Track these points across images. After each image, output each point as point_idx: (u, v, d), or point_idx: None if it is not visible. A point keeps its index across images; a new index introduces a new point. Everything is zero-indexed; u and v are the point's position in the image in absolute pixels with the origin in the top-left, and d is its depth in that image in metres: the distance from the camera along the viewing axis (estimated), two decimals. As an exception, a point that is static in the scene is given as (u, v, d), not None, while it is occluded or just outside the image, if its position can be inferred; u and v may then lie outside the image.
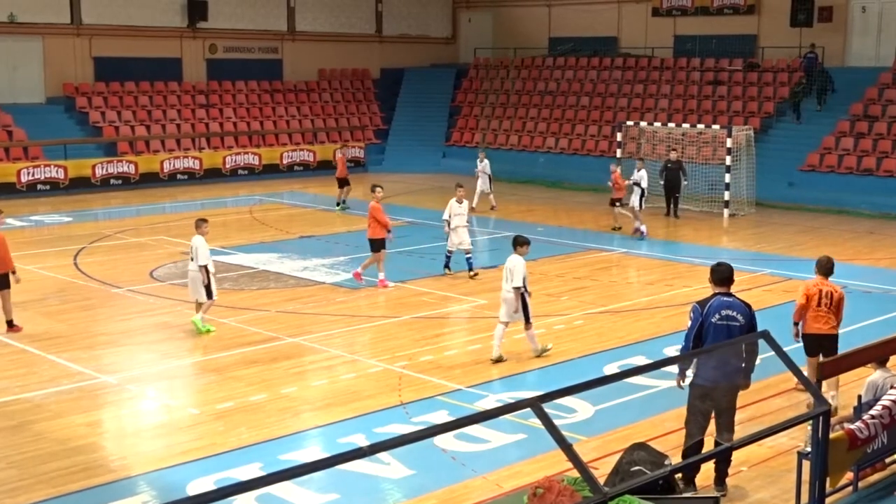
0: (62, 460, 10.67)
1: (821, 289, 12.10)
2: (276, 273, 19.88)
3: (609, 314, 16.85)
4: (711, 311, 9.49)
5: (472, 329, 15.95)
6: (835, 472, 7.91)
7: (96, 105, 34.45)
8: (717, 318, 9.46)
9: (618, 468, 8.75)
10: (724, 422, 9.38)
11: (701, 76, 36.22)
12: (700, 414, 9.43)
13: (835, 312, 12.06)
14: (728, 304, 9.56)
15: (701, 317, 9.50)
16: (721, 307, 9.52)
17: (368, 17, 42.43)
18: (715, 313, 9.48)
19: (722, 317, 9.47)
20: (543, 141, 36.85)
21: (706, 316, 9.48)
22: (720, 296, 9.62)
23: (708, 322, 9.46)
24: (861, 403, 9.42)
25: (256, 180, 34.67)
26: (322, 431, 11.64)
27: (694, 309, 9.63)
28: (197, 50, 37.63)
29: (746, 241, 24.45)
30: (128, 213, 28.40)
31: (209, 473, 10.26)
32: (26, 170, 30.54)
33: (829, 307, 12.00)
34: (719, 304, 9.54)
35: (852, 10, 34.70)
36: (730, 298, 9.62)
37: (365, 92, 41.92)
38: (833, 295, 12.07)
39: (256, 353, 14.51)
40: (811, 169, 30.47)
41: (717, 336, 9.43)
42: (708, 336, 9.46)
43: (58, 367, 13.81)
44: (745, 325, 9.48)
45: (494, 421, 9.86)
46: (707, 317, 9.48)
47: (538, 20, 42.53)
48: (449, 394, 12.77)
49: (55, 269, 20.04)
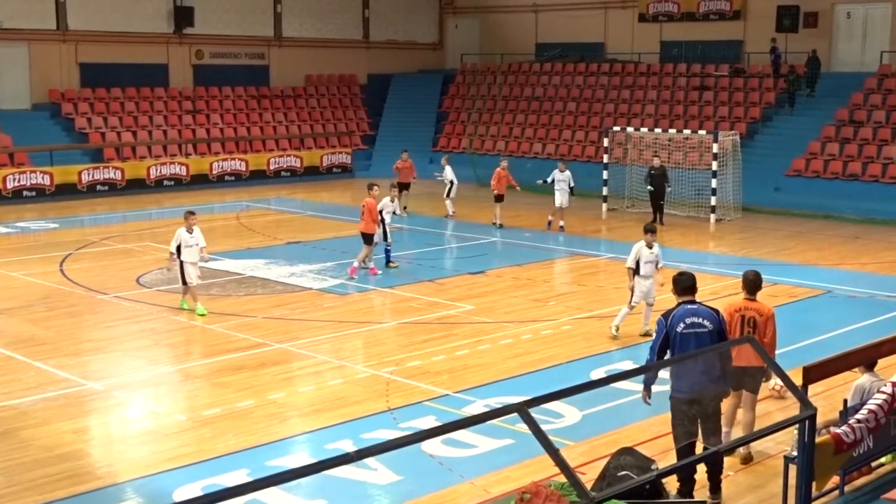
0: (49, 467, 10.62)
1: (743, 314, 10.39)
2: (263, 279, 19.85)
3: (596, 319, 16.87)
4: (676, 321, 9.36)
5: (459, 335, 15.95)
6: (821, 476, 7.93)
7: (82, 111, 34.36)
8: (682, 328, 9.32)
9: (605, 473, 8.75)
10: (710, 427, 9.33)
11: (687, 81, 36.34)
12: (686, 419, 9.34)
13: (761, 338, 10.08)
14: (693, 311, 9.44)
15: (665, 328, 9.35)
16: (686, 315, 9.39)
17: (355, 23, 42.44)
18: (679, 322, 9.35)
19: (688, 325, 9.33)
20: (530, 146, 36.90)
21: (671, 326, 9.33)
22: (684, 304, 9.51)
23: (674, 332, 9.31)
24: (847, 407, 9.45)
25: (243, 186, 34.61)
26: (309, 437, 11.63)
27: (658, 322, 9.50)
28: (183, 56, 37.56)
29: (733, 245, 24.53)
30: (114, 220, 28.31)
31: (196, 480, 10.23)
32: (12, 176, 30.43)
33: (752, 334, 10.16)
34: (684, 313, 9.42)
35: (837, 15, 34.89)
36: (694, 306, 9.50)
37: (352, 98, 41.92)
38: (756, 320, 10.33)
39: (243, 359, 14.47)
40: (797, 174, 30.60)
41: (685, 345, 9.28)
42: (675, 346, 9.31)
43: (44, 374, 13.75)
44: (713, 330, 9.36)
45: (482, 426, 9.86)
46: (672, 327, 9.33)
47: (525, 26, 42.62)
48: (436, 399, 12.76)
49: (41, 275, 19.96)
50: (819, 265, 21.73)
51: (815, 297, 18.60)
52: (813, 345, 15.00)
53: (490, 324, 16.50)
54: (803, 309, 17.81)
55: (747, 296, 10.56)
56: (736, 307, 10.45)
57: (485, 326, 16.37)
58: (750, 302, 10.51)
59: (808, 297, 18.57)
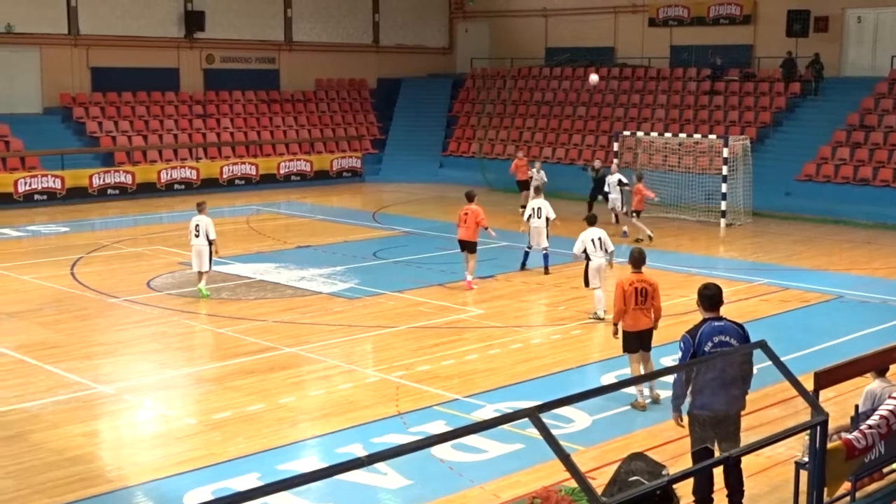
0: (59, 470, 10.65)
1: (636, 286, 12.41)
2: (273, 283, 19.87)
3: (607, 324, 16.83)
4: (703, 340, 8.94)
5: (469, 339, 15.94)
6: (832, 481, 7.90)
7: (93, 115, 34.46)
8: (710, 347, 8.89)
9: (615, 478, 8.73)
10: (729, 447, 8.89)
11: (697, 86, 36.29)
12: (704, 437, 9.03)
13: (651, 305, 12.48)
14: (720, 328, 9.02)
15: (693, 347, 8.94)
16: (713, 333, 8.97)
17: (365, 28, 42.49)
18: (707, 341, 8.93)
19: (715, 344, 8.91)
20: (540, 151, 36.87)
21: (698, 345, 8.93)
22: (711, 321, 9.07)
23: (700, 352, 8.89)
24: (859, 413, 9.41)
25: (253, 190, 34.67)
26: (319, 441, 11.63)
27: (684, 339, 9.05)
28: (194, 60, 37.65)
29: (743, 250, 24.48)
30: (125, 223, 28.39)
31: (206, 484, 10.25)
32: (23, 180, 30.53)
33: (644, 302, 12.41)
34: (711, 331, 8.98)
35: (848, 20, 34.80)
36: (721, 322, 9.07)
37: (362, 102, 41.96)
38: (647, 290, 12.44)
39: (254, 363, 14.49)
40: (808, 179, 30.52)
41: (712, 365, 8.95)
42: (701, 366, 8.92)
43: (55, 377, 13.78)
44: None
45: (492, 431, 9.84)
46: (699, 346, 8.92)
47: (534, 30, 42.60)
48: (446, 404, 12.76)
49: (52, 279, 20.02)
50: (830, 270, 21.67)
51: (825, 303, 18.54)
52: (824, 350, 14.96)
53: (500, 328, 16.50)
54: (814, 314, 17.77)
55: (634, 270, 12.57)
56: (629, 281, 12.45)
57: (495, 331, 16.36)
58: (639, 275, 12.54)
59: (819, 303, 18.52)
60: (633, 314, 12.45)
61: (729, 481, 9.22)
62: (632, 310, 12.43)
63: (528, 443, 10.79)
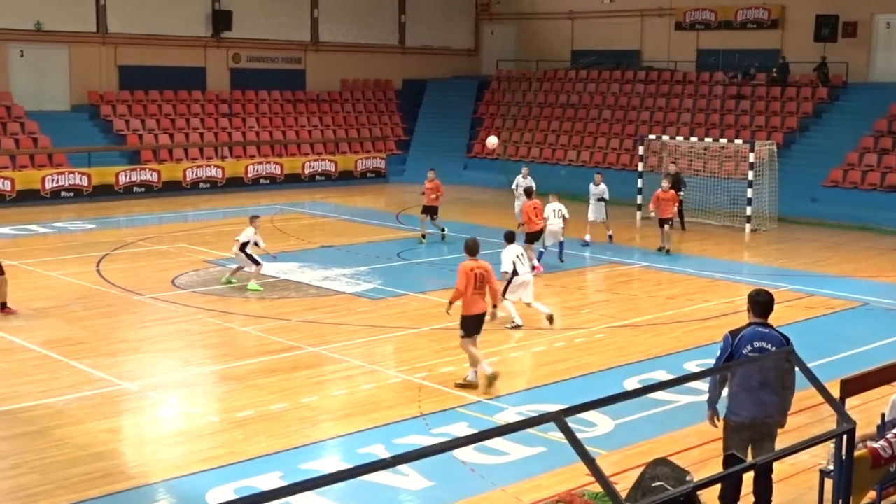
0: (83, 466, 10.71)
1: (476, 272, 13.23)
2: (296, 282, 19.92)
3: (630, 328, 16.80)
4: (743, 342, 8.77)
5: (492, 341, 15.90)
6: (857, 491, 7.83)
7: (120, 113, 34.68)
8: (748, 350, 8.73)
9: (639, 483, 8.69)
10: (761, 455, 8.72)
11: (724, 90, 36.11)
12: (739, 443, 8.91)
13: (488, 283, 13.41)
14: (763, 335, 8.80)
15: (731, 347, 8.78)
16: (754, 338, 8.78)
17: (391, 29, 42.56)
18: (747, 344, 8.76)
19: (755, 349, 8.74)
20: (565, 153, 36.83)
21: (737, 347, 8.76)
22: (755, 325, 8.87)
23: (738, 353, 8.71)
24: (885, 422, 9.33)
25: (278, 189, 34.78)
26: (341, 441, 11.65)
27: (725, 338, 8.90)
28: (221, 59, 37.83)
29: (768, 256, 24.35)
30: (150, 221, 28.54)
31: (228, 482, 10.28)
32: (51, 177, 30.75)
33: (481, 287, 13.29)
34: (752, 335, 8.80)
35: (877, 25, 34.56)
36: (765, 329, 8.85)
37: (387, 103, 42.03)
38: (484, 275, 13.31)
39: (277, 362, 14.54)
40: (834, 185, 30.32)
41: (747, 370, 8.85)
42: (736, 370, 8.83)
43: (79, 374, 13.87)
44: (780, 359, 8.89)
45: (514, 433, 9.83)
46: (738, 348, 8.75)
47: (561, 33, 42.54)
48: (468, 405, 12.75)
49: (78, 275, 20.14)
50: (855, 277, 21.51)
51: (851, 310, 18.41)
52: (850, 357, 14.84)
53: (523, 331, 16.47)
54: (840, 321, 17.64)
55: (471, 258, 13.45)
56: (470, 267, 13.28)
57: (517, 333, 16.34)
58: (477, 262, 13.42)
59: (845, 310, 18.39)
60: (472, 298, 13.26)
61: (757, 489, 9.13)
62: (471, 294, 13.23)
63: (550, 446, 10.76)
